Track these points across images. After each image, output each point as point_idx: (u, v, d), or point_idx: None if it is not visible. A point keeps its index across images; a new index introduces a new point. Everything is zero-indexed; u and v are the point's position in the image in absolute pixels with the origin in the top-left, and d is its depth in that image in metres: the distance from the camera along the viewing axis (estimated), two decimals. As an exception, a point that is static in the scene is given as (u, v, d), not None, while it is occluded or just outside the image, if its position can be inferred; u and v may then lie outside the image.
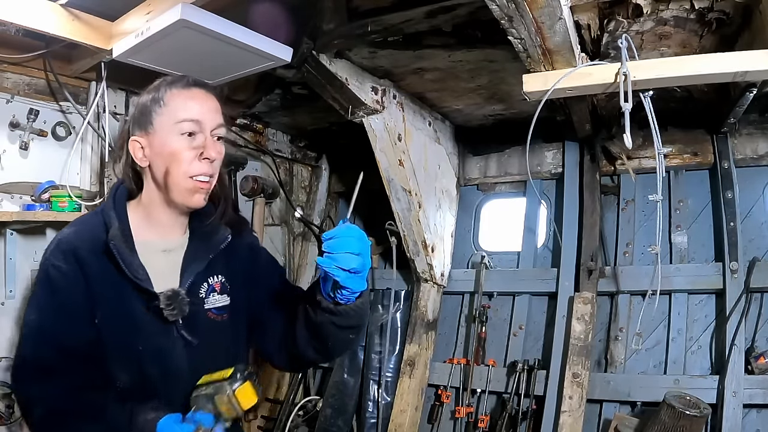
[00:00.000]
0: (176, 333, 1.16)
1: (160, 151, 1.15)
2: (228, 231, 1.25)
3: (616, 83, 1.68)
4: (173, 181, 1.15)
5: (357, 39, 2.01)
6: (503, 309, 3.00)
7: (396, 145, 2.57)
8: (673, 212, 2.71)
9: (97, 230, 1.14)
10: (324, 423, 3.01)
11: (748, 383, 2.29)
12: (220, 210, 1.26)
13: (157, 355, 1.14)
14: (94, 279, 1.11)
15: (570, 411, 2.44)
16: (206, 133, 1.16)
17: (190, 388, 1.14)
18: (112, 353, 1.12)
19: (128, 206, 1.22)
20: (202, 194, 1.17)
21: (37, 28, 1.76)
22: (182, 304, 1.13)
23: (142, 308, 1.13)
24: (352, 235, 1.04)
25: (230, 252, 1.26)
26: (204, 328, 1.19)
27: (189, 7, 1.58)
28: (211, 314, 1.21)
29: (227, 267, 1.26)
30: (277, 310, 1.29)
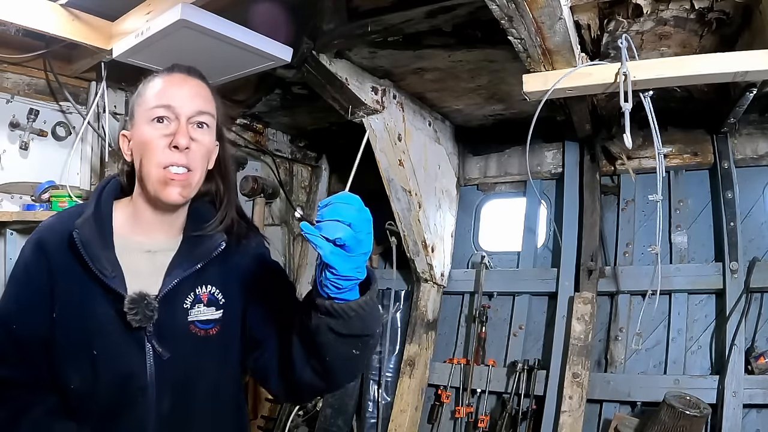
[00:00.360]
0: (147, 343, 1.02)
1: (137, 142, 1.07)
2: (222, 238, 1.11)
3: (616, 83, 1.68)
4: (146, 172, 1.04)
5: (357, 39, 2.01)
6: (503, 309, 3.00)
7: (396, 145, 2.57)
8: (673, 212, 2.71)
9: (71, 222, 1.05)
10: (324, 423, 3.01)
11: (748, 383, 2.28)
12: (220, 214, 1.14)
13: (113, 361, 1.01)
14: (59, 272, 1.03)
15: (570, 411, 2.44)
16: (181, 120, 1.04)
17: (156, 409, 1.02)
18: (65, 353, 1.02)
19: (119, 202, 1.13)
20: (176, 187, 1.03)
21: (37, 28, 1.76)
22: (147, 310, 1.00)
23: (108, 309, 1.01)
24: (347, 201, 0.89)
25: (229, 262, 1.14)
26: (182, 341, 1.05)
27: (189, 7, 1.59)
28: (194, 327, 1.07)
29: (223, 278, 1.13)
30: (279, 329, 1.11)
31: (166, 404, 1.04)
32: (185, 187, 1.05)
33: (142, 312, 1.00)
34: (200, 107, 1.07)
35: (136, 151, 1.07)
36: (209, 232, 1.11)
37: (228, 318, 1.12)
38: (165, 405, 1.04)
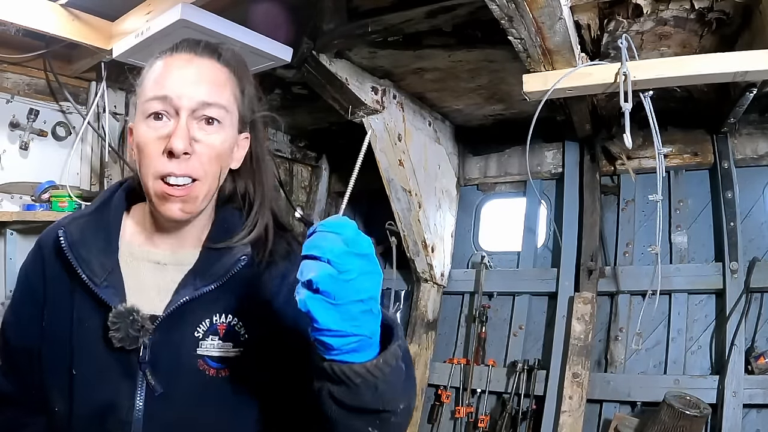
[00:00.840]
0: (139, 371, 0.82)
1: (136, 137, 0.86)
2: (244, 251, 0.87)
3: (616, 83, 1.68)
4: (144, 182, 0.85)
5: (357, 39, 2.01)
6: (503, 309, 3.00)
7: (396, 145, 2.57)
8: (673, 212, 2.71)
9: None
10: (324, 423, 3.01)
11: (748, 383, 2.28)
12: (250, 222, 0.90)
13: (92, 386, 0.84)
14: (50, 277, 0.90)
15: (570, 411, 2.44)
16: (181, 115, 0.81)
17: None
18: (50, 370, 0.88)
19: (136, 206, 0.96)
20: (176, 203, 0.83)
21: (37, 28, 1.76)
22: (131, 328, 0.81)
23: (96, 324, 0.84)
24: (334, 230, 0.65)
25: (255, 285, 0.87)
26: (185, 378, 0.84)
27: (189, 7, 1.58)
28: (202, 364, 0.84)
29: (245, 306, 0.87)
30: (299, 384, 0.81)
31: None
32: (188, 201, 0.83)
33: (125, 329, 0.81)
34: (206, 97, 0.82)
35: (135, 153, 0.87)
36: (233, 244, 0.88)
37: (247, 359, 0.86)
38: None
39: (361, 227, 0.69)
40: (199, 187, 0.84)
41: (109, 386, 0.83)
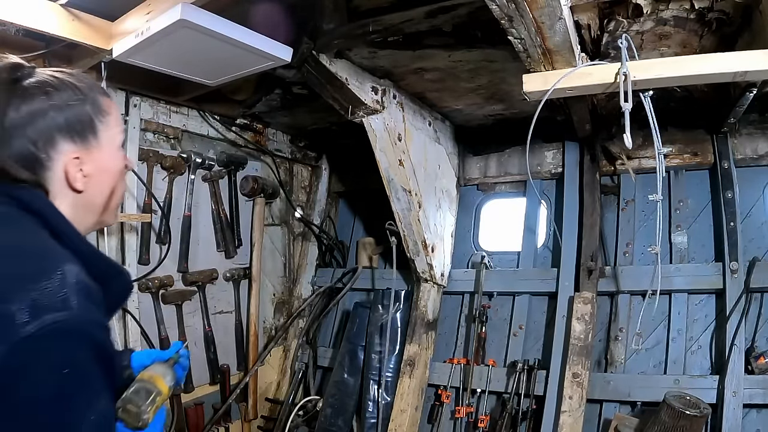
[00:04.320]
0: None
1: (106, 168, 0.94)
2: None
3: (616, 83, 1.68)
4: (115, 202, 0.98)
5: (357, 39, 2.01)
6: (503, 309, 3.00)
7: (396, 145, 2.57)
8: (673, 212, 2.72)
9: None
10: (324, 423, 3.01)
11: (748, 383, 2.28)
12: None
13: None
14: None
15: (570, 411, 2.44)
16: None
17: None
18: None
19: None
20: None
21: (37, 28, 1.76)
22: None
23: None
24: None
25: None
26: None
27: (189, 7, 1.58)
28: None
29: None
30: None
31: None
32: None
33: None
34: None
35: (107, 178, 0.94)
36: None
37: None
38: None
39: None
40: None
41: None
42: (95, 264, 0.86)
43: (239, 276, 3.16)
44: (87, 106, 0.93)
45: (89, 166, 0.92)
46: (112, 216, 0.98)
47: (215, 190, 3.04)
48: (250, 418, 3.15)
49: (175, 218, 2.76)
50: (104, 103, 0.96)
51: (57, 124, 0.89)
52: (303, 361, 3.35)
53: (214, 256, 3.05)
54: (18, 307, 0.68)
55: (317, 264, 3.66)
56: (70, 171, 0.90)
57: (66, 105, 0.90)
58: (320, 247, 3.67)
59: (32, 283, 0.72)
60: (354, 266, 3.43)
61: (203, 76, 2.16)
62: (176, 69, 2.05)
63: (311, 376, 3.34)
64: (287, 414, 3.15)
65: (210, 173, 3.01)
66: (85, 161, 0.91)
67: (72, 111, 0.91)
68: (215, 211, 3.04)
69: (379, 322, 3.03)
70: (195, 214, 2.90)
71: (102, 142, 0.94)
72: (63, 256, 0.80)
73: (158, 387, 1.05)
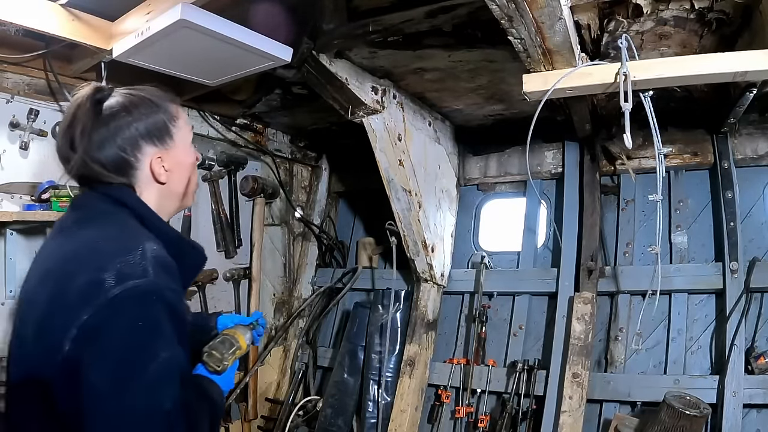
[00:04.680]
0: None
1: (181, 162, 1.18)
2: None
3: (616, 83, 1.68)
4: (192, 188, 1.23)
5: (357, 39, 2.01)
6: (503, 309, 3.00)
7: (396, 145, 2.57)
8: (673, 212, 2.71)
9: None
10: (324, 423, 3.01)
11: (748, 383, 2.28)
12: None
13: None
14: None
15: (570, 411, 2.44)
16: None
17: None
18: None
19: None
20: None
21: (37, 28, 1.76)
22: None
23: None
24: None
25: None
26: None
27: (189, 7, 1.58)
28: None
29: None
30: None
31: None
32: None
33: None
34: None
35: (182, 171, 1.19)
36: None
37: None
38: None
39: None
40: None
41: None
42: (173, 243, 1.10)
43: (239, 276, 3.16)
44: (161, 114, 1.16)
45: (169, 162, 1.15)
46: (190, 199, 1.24)
47: (215, 190, 3.04)
48: (250, 418, 3.15)
49: (175, 218, 2.76)
50: (174, 110, 1.20)
51: (140, 133, 1.12)
52: (303, 361, 3.35)
53: (214, 256, 3.05)
54: (108, 275, 0.91)
55: (317, 264, 3.66)
56: (155, 168, 1.13)
57: (144, 116, 1.13)
58: (320, 247, 3.67)
59: (119, 257, 0.94)
60: (354, 266, 3.43)
61: (203, 76, 2.16)
62: (176, 69, 2.05)
63: (311, 376, 3.34)
64: (287, 414, 3.15)
65: (210, 173, 3.01)
66: (166, 159, 1.15)
67: (150, 120, 1.14)
68: (215, 211, 3.04)
69: (379, 322, 3.03)
70: (195, 214, 2.90)
71: (177, 142, 1.18)
72: (145, 237, 1.03)
73: (239, 342, 1.32)
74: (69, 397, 0.88)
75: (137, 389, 0.88)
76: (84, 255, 0.98)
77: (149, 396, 0.89)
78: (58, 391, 0.90)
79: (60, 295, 0.93)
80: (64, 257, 1.00)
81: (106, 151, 1.09)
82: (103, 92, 1.14)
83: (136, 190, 1.13)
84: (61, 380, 0.89)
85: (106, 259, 0.94)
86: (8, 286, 2.09)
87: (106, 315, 0.89)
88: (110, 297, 0.89)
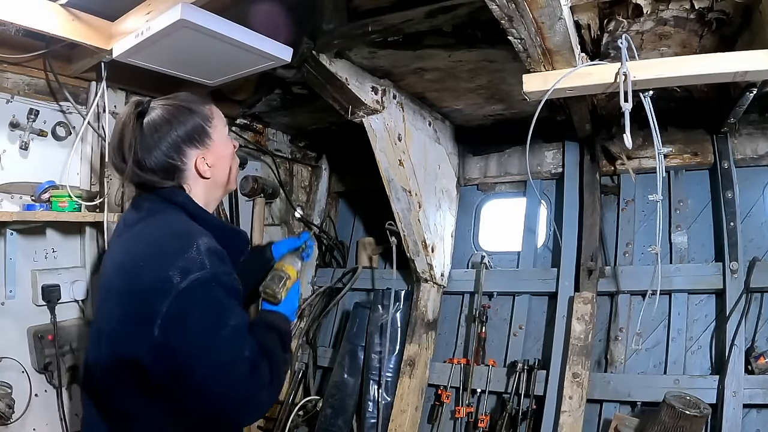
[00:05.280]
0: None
1: (222, 155, 1.37)
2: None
3: (616, 83, 1.68)
4: (233, 174, 1.44)
5: (357, 39, 2.01)
6: (503, 309, 3.00)
7: (396, 145, 2.57)
8: (673, 212, 2.71)
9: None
10: (324, 423, 3.01)
11: (748, 383, 2.28)
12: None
13: None
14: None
15: (570, 411, 2.44)
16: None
17: None
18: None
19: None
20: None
21: (37, 28, 1.76)
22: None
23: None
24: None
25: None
26: None
27: (189, 7, 1.58)
28: None
29: None
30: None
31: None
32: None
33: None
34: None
35: (224, 163, 1.39)
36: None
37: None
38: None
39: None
40: None
41: None
42: (220, 233, 1.28)
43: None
44: (197, 118, 1.33)
45: (211, 158, 1.34)
46: (233, 184, 1.46)
47: (215, 190, 3.03)
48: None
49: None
50: (208, 111, 1.37)
51: (181, 139, 1.30)
52: (303, 361, 3.35)
53: (215, 256, 3.04)
54: (174, 273, 1.11)
55: (317, 264, 3.66)
56: (200, 167, 1.33)
57: (183, 124, 1.30)
58: (320, 247, 3.67)
59: (180, 256, 1.14)
60: (354, 266, 3.43)
61: (203, 76, 2.16)
62: (176, 69, 2.05)
63: (311, 376, 3.34)
64: (287, 414, 3.15)
65: (210, 173, 3.00)
66: (208, 156, 1.34)
67: (189, 126, 1.31)
68: (215, 211, 3.03)
69: (379, 322, 3.03)
70: (195, 214, 2.89)
71: (215, 139, 1.36)
72: (198, 232, 1.21)
73: (288, 273, 1.53)
74: (161, 373, 1.12)
75: (220, 349, 1.13)
76: (151, 254, 1.17)
77: (229, 351, 1.14)
78: (151, 367, 1.12)
79: (135, 289, 1.15)
80: (134, 254, 1.20)
81: (155, 159, 1.27)
82: (143, 106, 1.30)
83: (185, 189, 1.32)
84: (154, 359, 1.11)
85: (170, 258, 1.14)
86: (8, 286, 2.09)
87: (181, 304, 1.10)
88: (180, 290, 1.10)
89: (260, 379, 1.20)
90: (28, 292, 2.15)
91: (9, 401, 1.96)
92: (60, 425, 2.15)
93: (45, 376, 2.13)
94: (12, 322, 2.09)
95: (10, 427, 1.97)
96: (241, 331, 1.18)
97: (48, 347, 2.10)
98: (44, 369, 2.10)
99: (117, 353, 1.18)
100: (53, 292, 2.16)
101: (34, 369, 2.11)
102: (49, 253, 2.23)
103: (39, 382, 2.12)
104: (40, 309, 2.15)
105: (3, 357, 2.03)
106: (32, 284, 2.15)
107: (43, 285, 2.15)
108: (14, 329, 2.09)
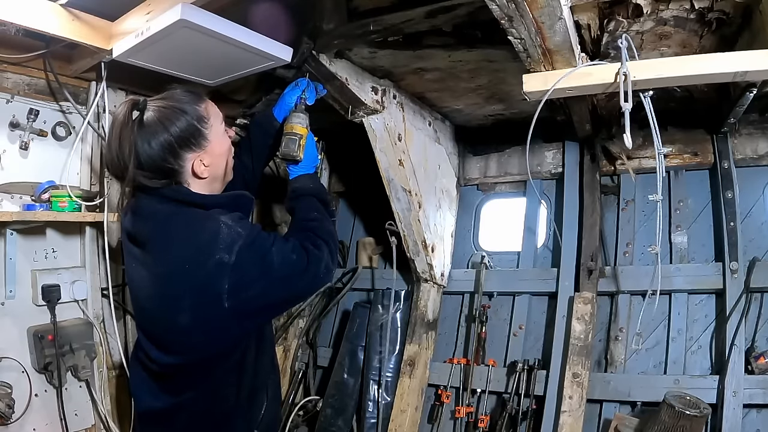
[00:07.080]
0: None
1: (220, 153, 1.41)
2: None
3: (616, 83, 1.68)
4: (230, 166, 1.48)
5: (357, 39, 2.01)
6: (503, 309, 3.00)
7: (396, 145, 2.57)
8: (673, 212, 2.71)
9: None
10: (324, 423, 3.01)
11: (748, 383, 2.28)
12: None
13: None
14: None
15: (570, 411, 2.44)
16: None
17: None
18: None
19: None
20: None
21: (37, 28, 1.76)
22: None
23: None
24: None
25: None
26: None
27: (189, 7, 1.58)
28: None
29: None
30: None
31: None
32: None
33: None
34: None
35: (221, 159, 1.43)
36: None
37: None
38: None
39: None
40: None
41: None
42: (229, 203, 1.38)
43: (239, 276, 3.16)
44: (191, 120, 1.34)
45: (208, 159, 1.37)
46: (230, 174, 1.50)
47: (215, 190, 3.03)
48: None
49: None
50: (203, 110, 1.37)
51: (177, 143, 1.32)
52: (303, 361, 3.35)
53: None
54: (222, 254, 1.23)
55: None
56: (196, 168, 1.36)
57: (177, 127, 1.31)
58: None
59: (216, 239, 1.25)
60: (354, 266, 3.43)
61: (203, 76, 2.16)
62: (176, 69, 2.05)
63: (311, 376, 3.34)
64: (287, 414, 3.15)
65: (210, 173, 3.00)
66: (204, 157, 1.37)
67: (183, 129, 1.32)
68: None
69: (379, 322, 3.03)
70: (195, 214, 2.89)
71: (211, 139, 1.38)
72: (215, 215, 1.30)
73: (298, 132, 1.65)
74: (240, 324, 1.31)
75: (275, 276, 1.32)
76: (193, 254, 1.26)
77: (285, 268, 1.33)
78: (230, 325, 1.29)
79: (194, 285, 1.25)
80: (176, 258, 1.28)
81: (152, 163, 1.30)
82: (138, 106, 1.31)
83: (184, 185, 1.37)
84: (233, 319, 1.27)
85: (212, 247, 1.24)
86: (8, 286, 2.09)
87: (236, 273, 1.24)
88: (232, 263, 1.23)
89: (315, 257, 1.39)
90: (28, 292, 2.15)
91: (9, 401, 1.96)
92: (60, 425, 2.15)
93: (45, 376, 2.13)
94: (12, 322, 2.09)
95: (10, 427, 1.97)
96: (281, 247, 1.34)
97: (48, 347, 2.10)
98: (44, 369, 2.10)
99: (198, 348, 1.31)
100: (53, 292, 2.16)
101: (34, 369, 2.11)
102: (49, 253, 2.24)
103: (39, 382, 2.12)
104: (40, 309, 2.15)
105: (3, 357, 2.03)
106: (32, 284, 2.15)
107: (43, 285, 2.15)
108: (14, 329, 2.09)
